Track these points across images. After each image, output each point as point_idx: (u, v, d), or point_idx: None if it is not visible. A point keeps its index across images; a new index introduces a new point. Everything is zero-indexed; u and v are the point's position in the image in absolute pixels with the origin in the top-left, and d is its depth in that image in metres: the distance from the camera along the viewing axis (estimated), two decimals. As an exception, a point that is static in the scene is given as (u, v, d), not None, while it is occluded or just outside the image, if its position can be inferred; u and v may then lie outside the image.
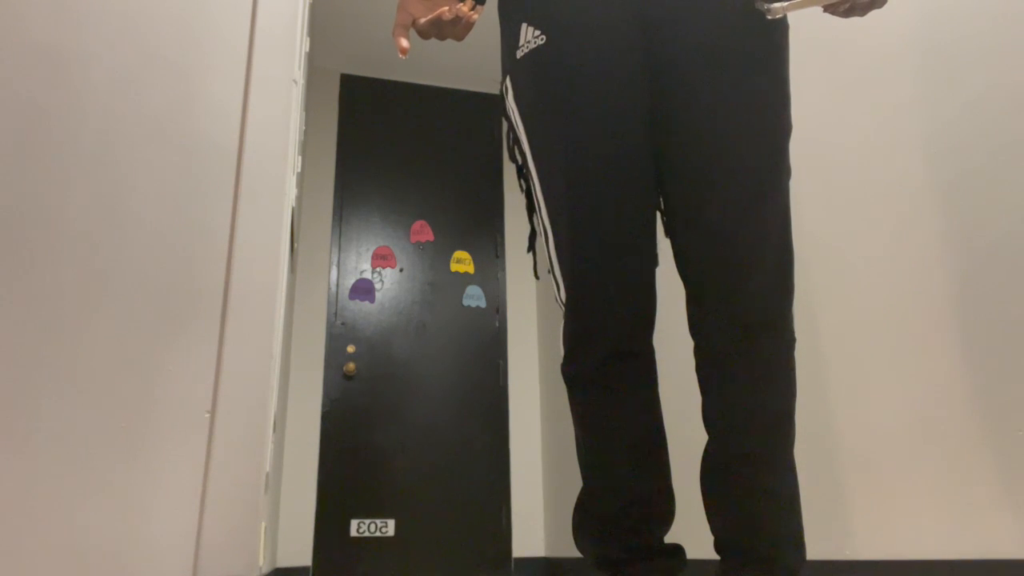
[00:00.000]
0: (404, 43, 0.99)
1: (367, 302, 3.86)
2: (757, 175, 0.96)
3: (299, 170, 2.58)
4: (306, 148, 3.88)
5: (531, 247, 1.14)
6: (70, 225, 1.61)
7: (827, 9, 0.88)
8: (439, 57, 4.17)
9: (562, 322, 1.03)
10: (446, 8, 0.95)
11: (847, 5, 0.87)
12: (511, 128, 1.09)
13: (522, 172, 1.09)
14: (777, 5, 0.82)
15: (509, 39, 1.07)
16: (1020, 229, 1.45)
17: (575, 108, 0.98)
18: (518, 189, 4.34)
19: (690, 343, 1.03)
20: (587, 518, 1.02)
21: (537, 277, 1.18)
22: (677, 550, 1.01)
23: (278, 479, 2.89)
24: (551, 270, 1.05)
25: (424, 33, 1.00)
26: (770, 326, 0.96)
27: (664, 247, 1.13)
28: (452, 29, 0.99)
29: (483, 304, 4.03)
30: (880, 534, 1.68)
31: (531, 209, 1.09)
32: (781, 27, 1.02)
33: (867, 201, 1.83)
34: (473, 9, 0.97)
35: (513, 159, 1.10)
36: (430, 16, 0.97)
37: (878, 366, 1.74)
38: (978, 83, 1.57)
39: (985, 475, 1.47)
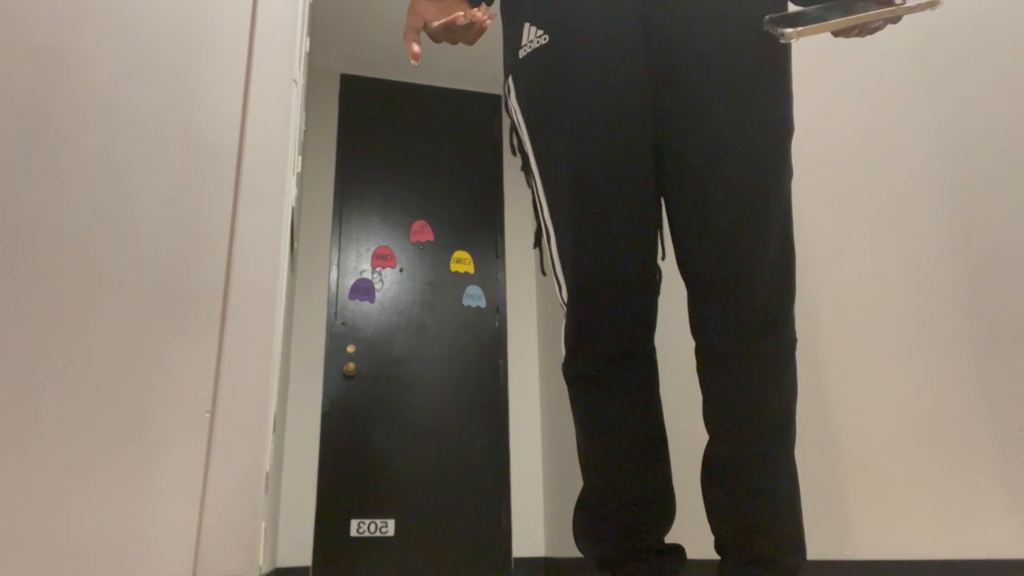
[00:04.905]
0: (416, 48, 0.98)
1: (367, 302, 3.86)
2: (759, 175, 0.96)
3: (299, 170, 2.58)
4: (306, 148, 3.88)
5: (537, 243, 1.14)
6: (70, 225, 1.61)
7: (838, 34, 0.90)
8: (439, 57, 4.17)
9: (563, 322, 1.03)
10: (461, 13, 0.94)
11: (856, 31, 0.88)
12: (514, 126, 1.09)
13: (526, 168, 1.09)
14: (790, 31, 0.82)
15: (512, 39, 1.07)
16: (1021, 228, 1.45)
17: (577, 109, 0.98)
18: (518, 189, 4.34)
19: (691, 343, 1.03)
20: (587, 518, 1.02)
21: (544, 273, 1.18)
22: (677, 550, 1.01)
23: (278, 479, 2.89)
24: (553, 269, 1.05)
25: (436, 37, 0.99)
26: (772, 326, 0.96)
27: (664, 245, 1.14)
28: (465, 34, 0.98)
29: (483, 304, 4.03)
30: (880, 534, 1.68)
31: (536, 206, 1.08)
32: None
33: (868, 201, 1.83)
34: (486, 13, 0.96)
35: (516, 154, 1.10)
36: (443, 20, 0.96)
37: (878, 366, 1.74)
38: (978, 83, 1.57)
39: (985, 475, 1.47)
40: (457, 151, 4.30)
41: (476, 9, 0.96)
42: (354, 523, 3.48)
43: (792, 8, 1.04)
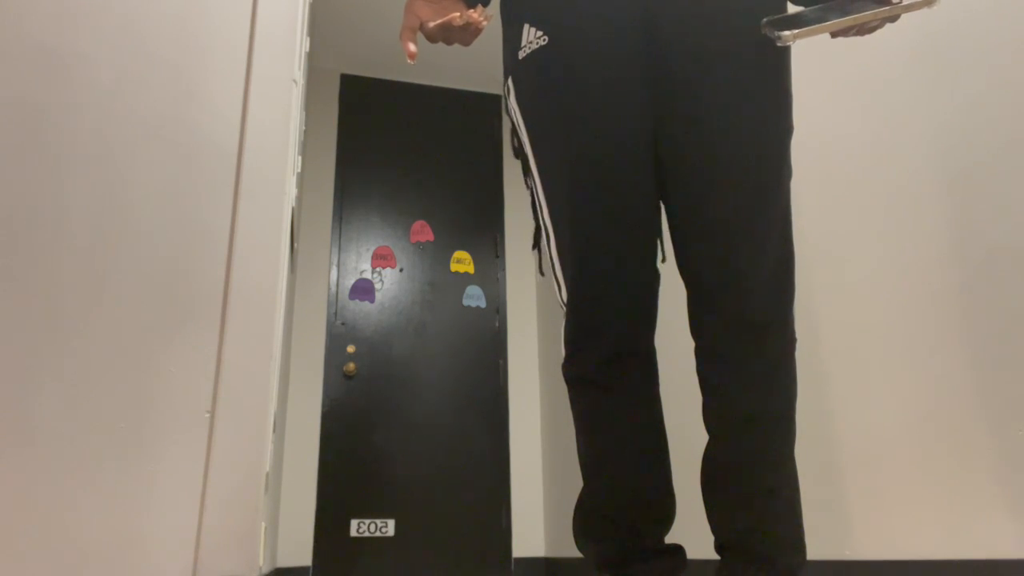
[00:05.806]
0: (412, 48, 0.98)
1: (367, 302, 3.86)
2: (759, 175, 0.96)
3: (299, 170, 2.58)
4: (306, 148, 3.88)
5: (536, 245, 1.14)
6: (70, 225, 1.61)
7: (836, 34, 0.90)
8: (439, 57, 4.17)
9: (563, 322, 1.03)
10: (457, 14, 0.94)
11: (854, 31, 0.88)
12: (514, 128, 1.09)
13: (527, 169, 1.09)
14: (787, 33, 0.82)
15: (511, 40, 1.07)
16: (1020, 228, 1.45)
17: (577, 109, 0.98)
18: (518, 189, 4.34)
19: (690, 343, 1.03)
20: (587, 518, 1.02)
21: (542, 274, 1.18)
22: (677, 550, 1.01)
23: (278, 479, 2.89)
24: (552, 270, 1.05)
25: (432, 37, 0.99)
26: (771, 326, 0.96)
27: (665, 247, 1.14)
28: (461, 34, 0.98)
29: (483, 304, 4.03)
30: (880, 534, 1.69)
31: (535, 207, 1.08)
32: None
33: (867, 201, 1.83)
34: (482, 15, 0.96)
35: (517, 156, 1.10)
36: (440, 21, 0.96)
37: (878, 366, 1.74)
38: (978, 83, 1.57)
39: (985, 475, 1.47)
40: (457, 151, 4.30)
41: (472, 10, 0.96)
42: (354, 523, 3.48)
43: (791, 9, 1.04)
